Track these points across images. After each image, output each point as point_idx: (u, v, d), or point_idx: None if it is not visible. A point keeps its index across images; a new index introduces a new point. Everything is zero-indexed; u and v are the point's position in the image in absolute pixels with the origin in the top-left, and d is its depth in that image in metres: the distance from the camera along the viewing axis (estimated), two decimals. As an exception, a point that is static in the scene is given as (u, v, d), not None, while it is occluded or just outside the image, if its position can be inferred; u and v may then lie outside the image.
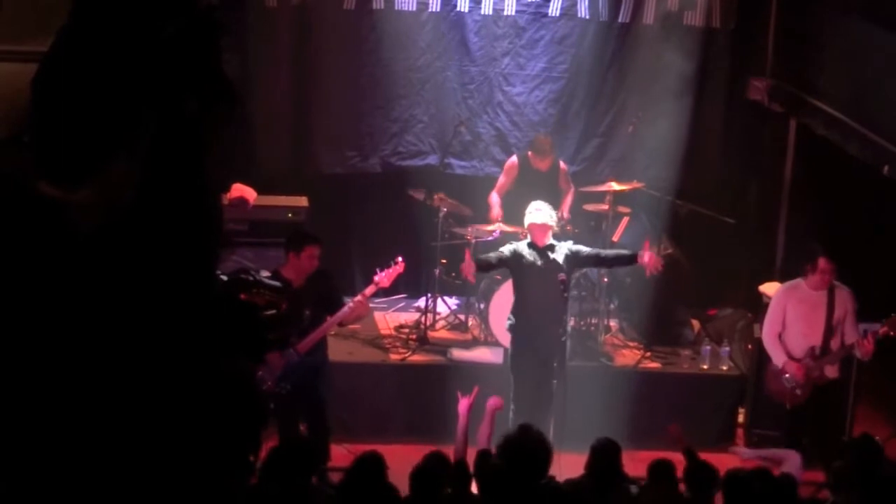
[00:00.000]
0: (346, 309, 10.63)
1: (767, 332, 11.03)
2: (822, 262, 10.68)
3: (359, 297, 10.74)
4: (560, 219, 12.51)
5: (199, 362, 4.75)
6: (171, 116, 4.59)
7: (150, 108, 4.55)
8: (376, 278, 10.92)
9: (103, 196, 4.48)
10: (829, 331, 10.79)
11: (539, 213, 10.98)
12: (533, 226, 10.94)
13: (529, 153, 12.87)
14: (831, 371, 10.92)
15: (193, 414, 4.71)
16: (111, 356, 4.52)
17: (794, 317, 10.87)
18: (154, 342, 4.59)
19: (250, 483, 7.10)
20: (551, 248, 10.92)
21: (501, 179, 13.00)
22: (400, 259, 11.10)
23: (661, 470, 8.21)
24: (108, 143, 4.51)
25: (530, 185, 12.68)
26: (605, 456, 8.26)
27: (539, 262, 10.84)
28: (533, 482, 7.69)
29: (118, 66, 4.51)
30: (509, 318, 11.08)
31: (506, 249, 11.01)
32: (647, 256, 10.84)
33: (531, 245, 10.94)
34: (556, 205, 12.74)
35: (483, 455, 8.18)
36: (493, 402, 9.36)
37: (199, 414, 4.74)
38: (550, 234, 10.99)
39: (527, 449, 7.84)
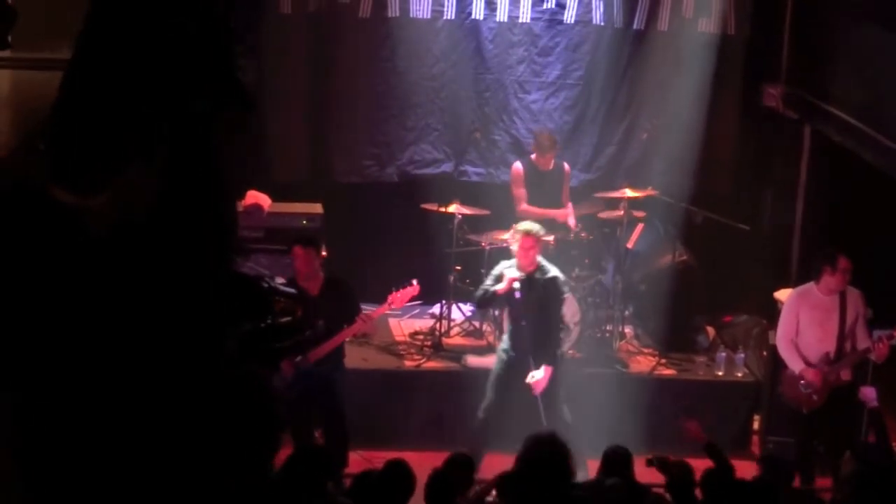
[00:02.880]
0: (356, 325, 10.62)
1: (782, 339, 10.99)
2: (843, 262, 10.62)
3: (367, 315, 10.68)
4: (572, 228, 12.58)
5: (213, 367, 4.77)
6: (187, 123, 4.61)
7: (165, 115, 4.57)
8: (390, 298, 10.90)
9: (118, 203, 4.51)
10: (843, 335, 10.76)
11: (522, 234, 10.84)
12: (518, 249, 10.81)
13: (533, 155, 12.88)
14: (845, 374, 10.90)
15: (207, 418, 4.73)
16: (125, 361, 4.54)
17: (807, 322, 10.83)
18: (168, 347, 4.62)
19: (266, 488, 7.12)
20: (540, 270, 10.86)
21: (517, 191, 12.95)
22: (415, 281, 11.05)
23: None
24: (124, 150, 4.53)
25: (536, 187, 12.72)
26: (616, 463, 8.28)
27: (524, 287, 10.75)
28: (557, 488, 7.66)
29: (134, 71, 4.53)
30: (502, 340, 11.04)
31: (493, 278, 10.95)
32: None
33: (518, 268, 10.84)
34: (559, 206, 12.78)
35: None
36: None
37: (213, 418, 4.76)
38: (538, 255, 10.89)
39: (543, 457, 7.82)
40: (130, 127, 4.53)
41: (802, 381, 10.75)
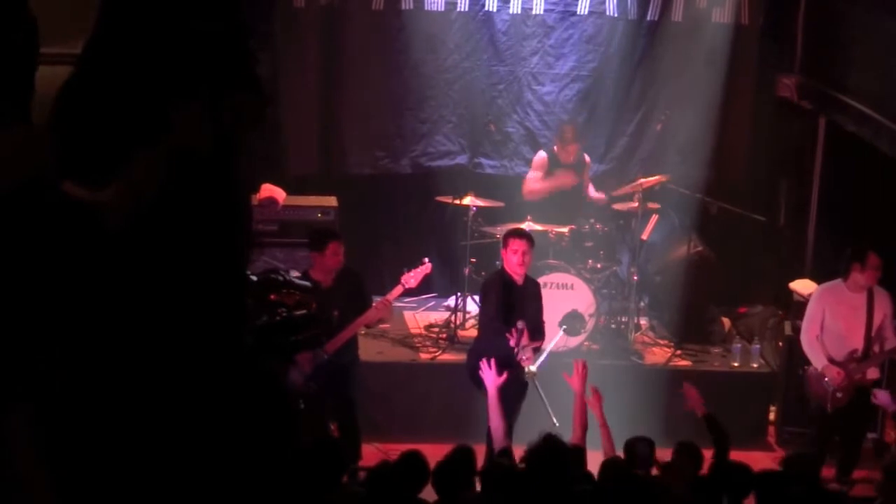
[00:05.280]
0: (372, 311, 10.65)
1: (806, 334, 10.88)
2: (873, 258, 10.54)
3: (384, 300, 10.75)
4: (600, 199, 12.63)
5: (228, 361, 4.77)
6: (202, 116, 4.61)
7: (178, 107, 4.57)
8: (403, 279, 10.93)
9: (130, 195, 4.51)
10: (870, 333, 10.67)
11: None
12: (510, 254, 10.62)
13: (555, 147, 12.90)
14: (873, 372, 10.83)
15: (222, 412, 4.74)
16: (139, 354, 4.55)
17: (833, 319, 10.72)
18: (183, 341, 4.62)
19: (281, 482, 7.12)
20: (525, 280, 10.73)
21: (531, 175, 12.99)
22: (427, 260, 11.09)
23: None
24: (134, 142, 4.53)
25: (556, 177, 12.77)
26: (639, 454, 8.30)
27: (511, 297, 10.59)
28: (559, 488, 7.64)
29: (146, 64, 4.54)
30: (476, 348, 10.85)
31: (492, 289, 10.75)
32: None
33: (508, 276, 10.69)
34: (580, 199, 12.78)
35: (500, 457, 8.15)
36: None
37: (229, 412, 4.76)
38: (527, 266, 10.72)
39: (552, 457, 7.80)
40: (140, 119, 4.53)
41: (826, 379, 10.68)
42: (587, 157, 13.11)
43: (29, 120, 4.55)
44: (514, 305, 10.49)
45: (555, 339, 10.83)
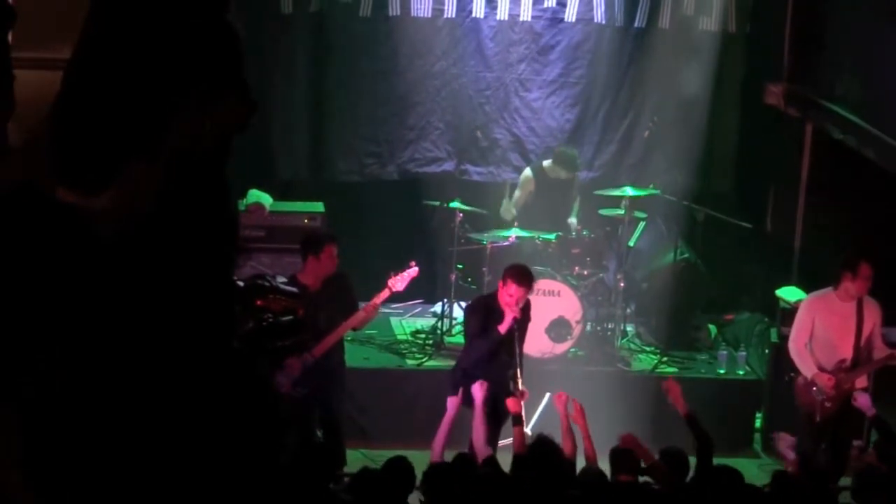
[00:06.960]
0: (360, 314, 10.59)
1: (795, 343, 10.82)
2: (864, 268, 10.49)
3: (371, 303, 10.69)
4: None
5: (216, 365, 4.77)
6: (199, 118, 4.61)
7: (167, 114, 4.56)
8: (389, 283, 10.88)
9: (123, 202, 4.50)
10: (859, 343, 10.65)
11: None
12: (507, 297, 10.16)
13: (546, 163, 12.90)
14: (861, 382, 10.81)
15: (209, 416, 4.73)
16: (128, 358, 4.54)
17: (822, 328, 10.67)
18: (172, 345, 4.61)
19: (267, 486, 7.11)
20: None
21: (518, 194, 13.02)
22: (413, 263, 11.04)
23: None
24: (131, 146, 4.53)
25: (547, 192, 12.76)
26: (625, 461, 8.31)
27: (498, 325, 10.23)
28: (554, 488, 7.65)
29: (142, 66, 4.53)
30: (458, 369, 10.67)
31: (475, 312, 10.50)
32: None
33: (497, 306, 10.30)
34: (565, 212, 12.79)
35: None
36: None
37: (215, 416, 4.76)
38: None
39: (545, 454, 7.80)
40: (130, 126, 4.53)
41: (815, 388, 10.66)
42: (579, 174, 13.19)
43: None
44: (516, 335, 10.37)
45: (542, 404, 10.55)
